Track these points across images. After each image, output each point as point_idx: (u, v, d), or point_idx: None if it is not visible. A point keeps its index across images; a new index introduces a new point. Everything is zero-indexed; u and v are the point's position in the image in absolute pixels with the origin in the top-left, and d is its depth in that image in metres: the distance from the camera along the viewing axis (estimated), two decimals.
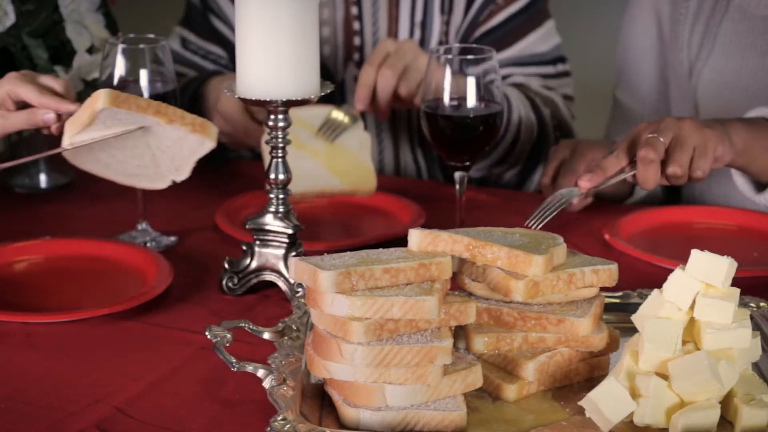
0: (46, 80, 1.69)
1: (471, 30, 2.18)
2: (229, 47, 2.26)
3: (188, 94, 2.09)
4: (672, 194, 2.14)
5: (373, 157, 2.24)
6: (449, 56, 1.66)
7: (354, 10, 2.22)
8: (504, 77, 2.17)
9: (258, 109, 2.01)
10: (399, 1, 2.21)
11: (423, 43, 2.20)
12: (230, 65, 2.26)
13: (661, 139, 1.46)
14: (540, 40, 2.20)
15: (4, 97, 1.66)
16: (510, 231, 1.40)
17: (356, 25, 2.22)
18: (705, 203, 2.03)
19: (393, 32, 2.22)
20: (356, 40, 2.23)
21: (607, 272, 1.37)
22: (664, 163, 1.54)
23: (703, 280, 1.27)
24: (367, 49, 2.23)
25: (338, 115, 1.93)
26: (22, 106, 1.67)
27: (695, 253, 1.27)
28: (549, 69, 2.20)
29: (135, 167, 1.67)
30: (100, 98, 1.55)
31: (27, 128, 1.69)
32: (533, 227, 1.49)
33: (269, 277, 1.60)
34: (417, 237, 1.33)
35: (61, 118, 1.65)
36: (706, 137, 1.49)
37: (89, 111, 1.56)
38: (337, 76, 2.25)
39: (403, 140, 2.28)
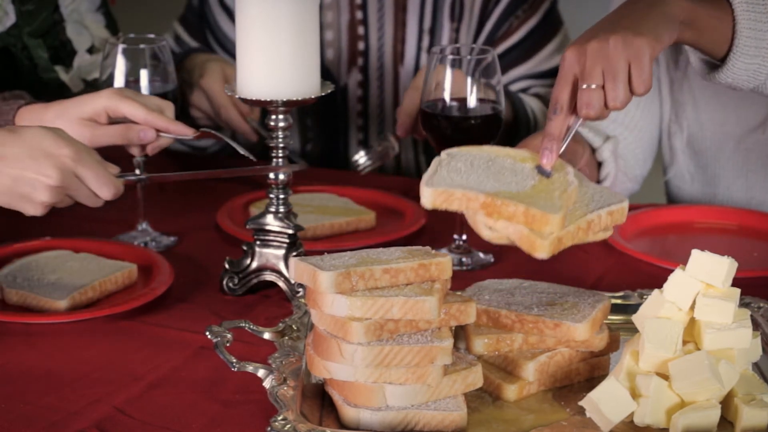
0: (155, 100, 1.64)
1: (489, 45, 2.17)
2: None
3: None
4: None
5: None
6: (450, 56, 1.66)
7: (359, 15, 2.21)
8: (524, 90, 2.17)
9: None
10: (406, 7, 2.20)
11: None
12: None
13: (593, 86, 1.42)
14: (556, 50, 2.19)
15: (99, 111, 1.60)
16: (521, 160, 1.38)
17: (361, 30, 2.21)
18: (705, 203, 2.02)
19: (399, 38, 2.20)
20: (360, 45, 2.22)
21: (620, 211, 1.34)
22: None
23: (703, 280, 1.26)
24: (371, 54, 2.22)
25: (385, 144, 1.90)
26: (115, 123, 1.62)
27: (695, 253, 1.27)
28: None
29: None
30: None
31: (118, 143, 1.62)
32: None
33: (269, 277, 1.60)
34: (430, 195, 1.30)
35: (158, 137, 1.62)
36: (638, 49, 1.41)
37: None
38: (340, 81, 2.25)
39: (403, 140, 2.27)
